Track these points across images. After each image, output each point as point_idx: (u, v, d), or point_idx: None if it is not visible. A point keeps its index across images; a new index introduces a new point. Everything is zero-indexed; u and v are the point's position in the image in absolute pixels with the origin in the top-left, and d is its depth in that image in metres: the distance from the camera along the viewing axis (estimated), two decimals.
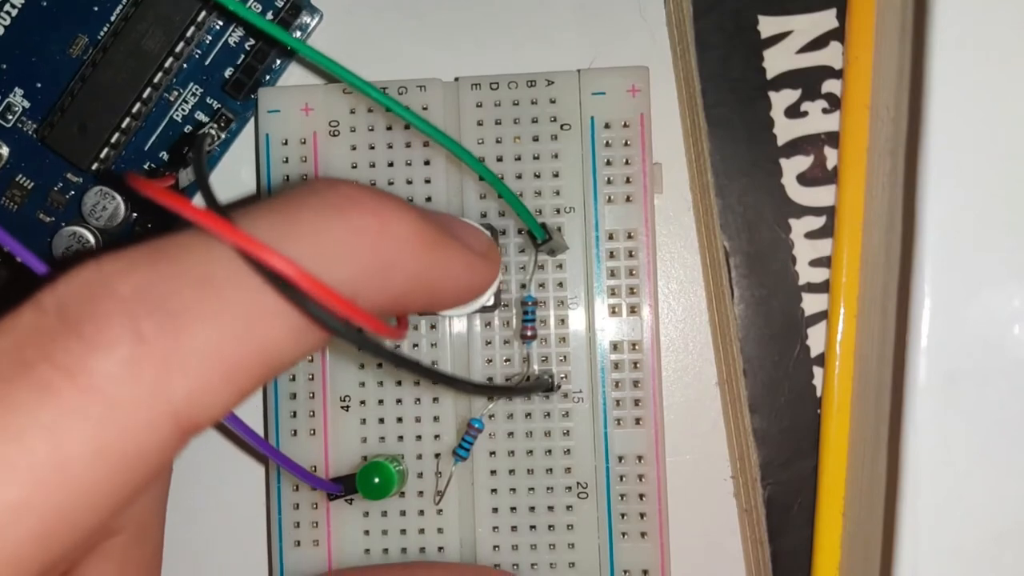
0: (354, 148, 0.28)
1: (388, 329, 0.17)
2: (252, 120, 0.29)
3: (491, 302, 0.27)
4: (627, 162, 0.27)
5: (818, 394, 0.27)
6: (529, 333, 0.27)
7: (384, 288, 0.15)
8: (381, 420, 0.27)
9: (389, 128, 0.28)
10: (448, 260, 0.17)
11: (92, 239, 0.28)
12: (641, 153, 0.27)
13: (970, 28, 0.22)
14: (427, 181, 0.28)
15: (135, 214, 0.28)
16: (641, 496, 0.27)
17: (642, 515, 0.27)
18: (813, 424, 0.27)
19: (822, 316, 0.28)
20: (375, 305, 0.15)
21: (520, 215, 0.25)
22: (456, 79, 0.28)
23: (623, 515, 0.27)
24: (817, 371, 0.28)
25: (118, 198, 0.28)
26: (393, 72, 0.29)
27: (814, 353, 0.28)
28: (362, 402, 0.27)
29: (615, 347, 0.27)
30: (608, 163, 0.28)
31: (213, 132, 0.28)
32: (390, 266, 0.15)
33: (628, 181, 0.27)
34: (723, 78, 0.28)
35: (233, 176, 0.29)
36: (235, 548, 0.29)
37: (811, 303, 0.28)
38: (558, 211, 0.28)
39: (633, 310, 0.27)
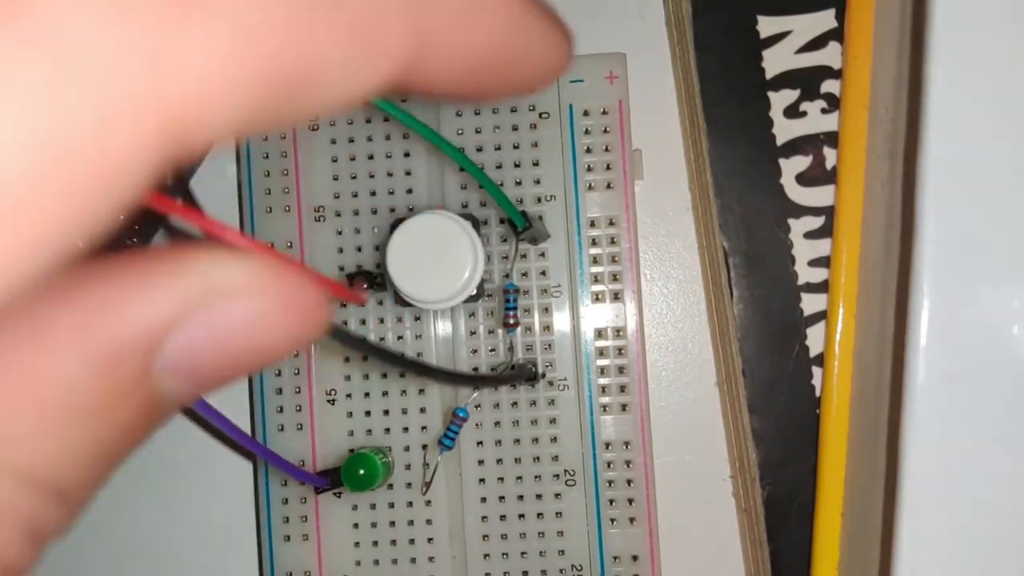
0: (334, 142, 0.28)
1: (349, 293, 0.16)
2: None
3: (475, 292, 0.27)
4: (607, 149, 0.27)
5: (817, 394, 0.27)
6: (511, 321, 0.27)
7: (463, 41, 0.10)
8: (367, 413, 0.28)
9: (368, 121, 0.28)
10: (540, 22, 0.11)
11: None
12: (620, 140, 0.26)
13: (969, 28, 0.21)
14: (408, 173, 0.28)
15: None
16: (629, 482, 0.27)
17: (630, 501, 0.27)
18: (812, 424, 0.27)
19: (821, 316, 0.27)
20: (445, 70, 0.10)
21: (500, 204, 0.25)
22: None
23: (611, 501, 0.27)
24: (816, 371, 0.27)
25: None
26: None
27: (813, 353, 0.27)
28: (348, 395, 0.28)
29: (599, 334, 0.27)
30: (588, 150, 0.27)
31: None
32: (477, 6, 0.10)
33: (608, 168, 0.27)
34: (722, 78, 0.27)
35: (217, 173, 0.29)
36: (225, 546, 0.30)
37: (810, 303, 0.27)
38: (539, 199, 0.27)
39: (616, 297, 0.27)
